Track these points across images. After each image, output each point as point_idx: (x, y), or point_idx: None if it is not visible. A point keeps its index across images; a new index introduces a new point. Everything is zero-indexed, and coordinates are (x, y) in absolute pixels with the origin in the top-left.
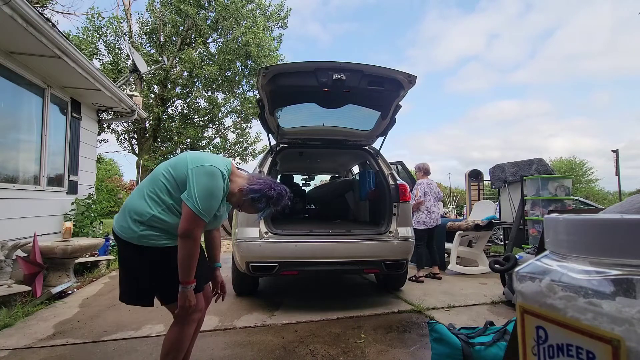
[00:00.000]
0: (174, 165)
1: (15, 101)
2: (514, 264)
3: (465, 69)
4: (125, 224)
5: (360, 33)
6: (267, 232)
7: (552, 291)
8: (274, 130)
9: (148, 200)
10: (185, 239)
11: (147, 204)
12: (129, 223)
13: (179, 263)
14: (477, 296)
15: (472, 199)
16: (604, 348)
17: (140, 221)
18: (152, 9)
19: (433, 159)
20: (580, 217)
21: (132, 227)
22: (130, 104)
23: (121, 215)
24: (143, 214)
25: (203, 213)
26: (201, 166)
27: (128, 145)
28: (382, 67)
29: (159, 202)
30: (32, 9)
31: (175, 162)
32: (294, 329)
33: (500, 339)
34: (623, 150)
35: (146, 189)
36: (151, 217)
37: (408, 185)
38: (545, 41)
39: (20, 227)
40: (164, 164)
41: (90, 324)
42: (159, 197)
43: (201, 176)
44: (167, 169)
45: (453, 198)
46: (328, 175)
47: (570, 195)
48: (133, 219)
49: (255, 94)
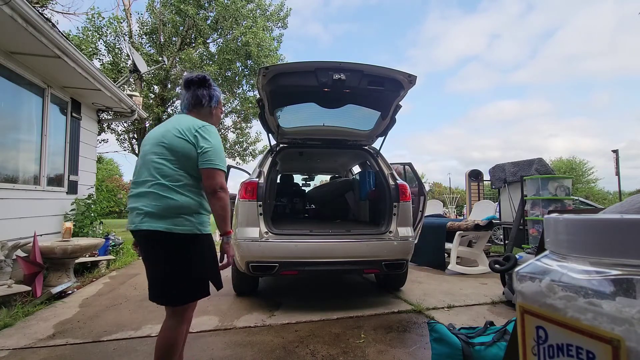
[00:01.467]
0: (168, 144)
1: (15, 101)
2: (514, 264)
3: (465, 69)
4: (177, 221)
5: (360, 33)
6: (267, 232)
7: (552, 291)
8: (274, 130)
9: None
10: (218, 193)
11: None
12: (183, 216)
13: (222, 217)
14: (477, 296)
15: (472, 199)
16: (604, 348)
17: (195, 212)
18: (152, 9)
19: (433, 159)
20: (580, 217)
21: (191, 219)
22: (130, 104)
23: (161, 219)
24: (190, 205)
25: (223, 166)
26: (200, 127)
27: (128, 145)
28: (382, 67)
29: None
30: (32, 9)
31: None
32: (294, 329)
33: (500, 339)
34: (623, 150)
35: (169, 182)
36: (198, 203)
37: (409, 187)
38: (546, 41)
39: (20, 227)
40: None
41: (90, 324)
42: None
43: (213, 136)
44: (160, 154)
45: (453, 198)
46: (328, 175)
47: (570, 195)
48: (181, 212)
49: (255, 94)
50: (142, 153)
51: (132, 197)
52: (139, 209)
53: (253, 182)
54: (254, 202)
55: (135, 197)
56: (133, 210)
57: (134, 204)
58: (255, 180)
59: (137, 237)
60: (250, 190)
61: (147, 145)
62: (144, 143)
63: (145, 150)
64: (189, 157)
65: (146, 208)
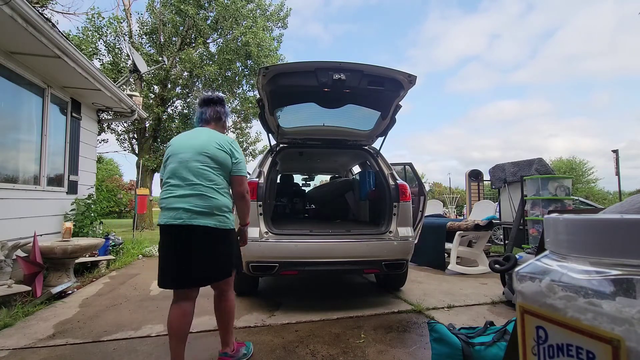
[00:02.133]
0: (211, 155)
1: (15, 101)
2: (514, 264)
3: (465, 69)
4: (220, 218)
5: (361, 33)
6: (267, 232)
7: (552, 291)
8: (274, 130)
9: (223, 193)
10: (246, 196)
11: (224, 196)
12: (225, 215)
13: (245, 213)
14: (477, 296)
15: (472, 199)
16: (604, 348)
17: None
18: (152, 9)
19: (433, 159)
20: (580, 217)
21: (229, 217)
22: (130, 104)
23: (210, 216)
24: (228, 205)
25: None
26: (232, 142)
27: (128, 145)
28: (382, 67)
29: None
30: (32, 9)
31: (203, 151)
32: (294, 329)
33: (500, 339)
34: (623, 150)
35: (213, 186)
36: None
37: (408, 187)
38: (546, 41)
39: (20, 227)
40: (191, 161)
41: (90, 324)
42: (225, 186)
43: (240, 149)
44: (203, 162)
45: (453, 198)
46: (328, 175)
47: (570, 195)
48: (223, 211)
49: (255, 94)
50: (180, 159)
51: (175, 197)
52: (187, 208)
53: (253, 182)
54: (254, 202)
55: (180, 197)
56: (178, 209)
57: (181, 204)
58: (255, 180)
59: (183, 230)
60: (250, 190)
61: (187, 154)
62: (179, 151)
63: (186, 157)
64: (226, 165)
65: (197, 208)
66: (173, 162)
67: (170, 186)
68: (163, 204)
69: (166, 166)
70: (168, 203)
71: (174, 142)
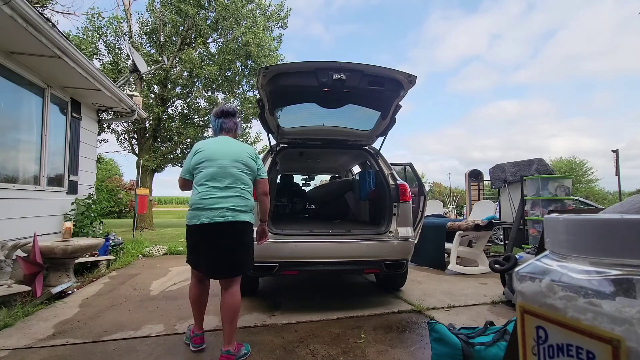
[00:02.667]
0: (245, 162)
1: (15, 101)
2: (514, 264)
3: (466, 69)
4: (251, 215)
5: (362, 34)
6: None
7: (552, 291)
8: (274, 130)
9: (251, 194)
10: (268, 195)
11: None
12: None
13: (267, 211)
14: (477, 296)
15: (472, 199)
16: (604, 348)
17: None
18: (152, 9)
19: (433, 159)
20: (580, 217)
21: (253, 215)
22: (130, 104)
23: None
24: (254, 204)
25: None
26: (255, 150)
27: (128, 145)
28: (382, 67)
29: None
30: (32, 9)
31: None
32: (294, 329)
33: (500, 339)
34: (623, 150)
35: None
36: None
37: (409, 187)
38: (547, 41)
39: (20, 227)
40: (230, 167)
41: (90, 324)
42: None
43: (260, 156)
44: (240, 168)
45: (453, 198)
46: (328, 175)
47: (570, 195)
48: (252, 209)
49: (255, 94)
50: (220, 165)
51: (217, 198)
52: (230, 207)
53: None
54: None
55: (223, 198)
56: (221, 208)
57: (224, 204)
58: None
59: (225, 226)
60: None
61: (225, 160)
62: (216, 157)
63: (226, 164)
64: (254, 171)
65: (238, 207)
66: (212, 166)
67: (210, 188)
68: (201, 204)
69: (200, 169)
70: (209, 204)
71: (207, 148)
